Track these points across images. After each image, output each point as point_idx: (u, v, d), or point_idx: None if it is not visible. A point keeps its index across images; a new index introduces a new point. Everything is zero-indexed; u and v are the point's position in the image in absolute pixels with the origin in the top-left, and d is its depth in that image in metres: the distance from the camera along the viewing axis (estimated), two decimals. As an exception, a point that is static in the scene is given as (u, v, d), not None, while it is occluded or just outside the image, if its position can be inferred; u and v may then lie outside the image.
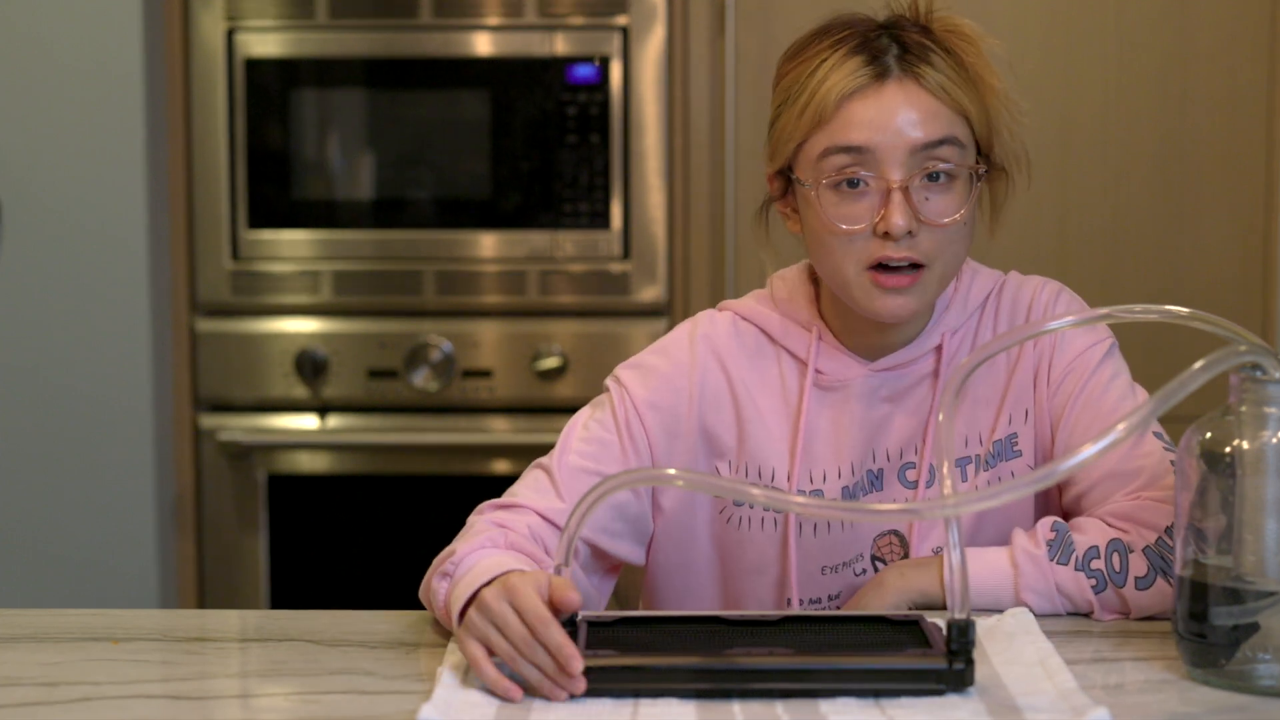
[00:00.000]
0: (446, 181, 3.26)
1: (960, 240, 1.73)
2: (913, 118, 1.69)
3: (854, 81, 1.69)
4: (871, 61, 1.70)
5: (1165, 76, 3.18)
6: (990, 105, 1.74)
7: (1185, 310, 1.47)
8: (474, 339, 3.24)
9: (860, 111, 1.69)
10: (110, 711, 1.41)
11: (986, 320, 1.81)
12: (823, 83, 1.70)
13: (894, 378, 1.78)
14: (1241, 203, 3.18)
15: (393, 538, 3.27)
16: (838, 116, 1.69)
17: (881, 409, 1.78)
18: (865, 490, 1.77)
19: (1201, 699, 1.41)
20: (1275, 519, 1.40)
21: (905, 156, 1.69)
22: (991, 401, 1.79)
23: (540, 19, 3.20)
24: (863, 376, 1.78)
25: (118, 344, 3.14)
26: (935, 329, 1.79)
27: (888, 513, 1.44)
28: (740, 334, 1.82)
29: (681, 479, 1.54)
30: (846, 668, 1.41)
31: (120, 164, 3.11)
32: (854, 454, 1.77)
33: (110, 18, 3.09)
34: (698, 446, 1.80)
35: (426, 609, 1.65)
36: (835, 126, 1.70)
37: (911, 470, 1.78)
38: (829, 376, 1.78)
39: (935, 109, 1.70)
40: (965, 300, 1.81)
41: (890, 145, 1.68)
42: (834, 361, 1.78)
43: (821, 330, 1.79)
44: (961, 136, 1.71)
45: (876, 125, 1.69)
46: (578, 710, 1.38)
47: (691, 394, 1.79)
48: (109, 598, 3.13)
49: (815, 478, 1.77)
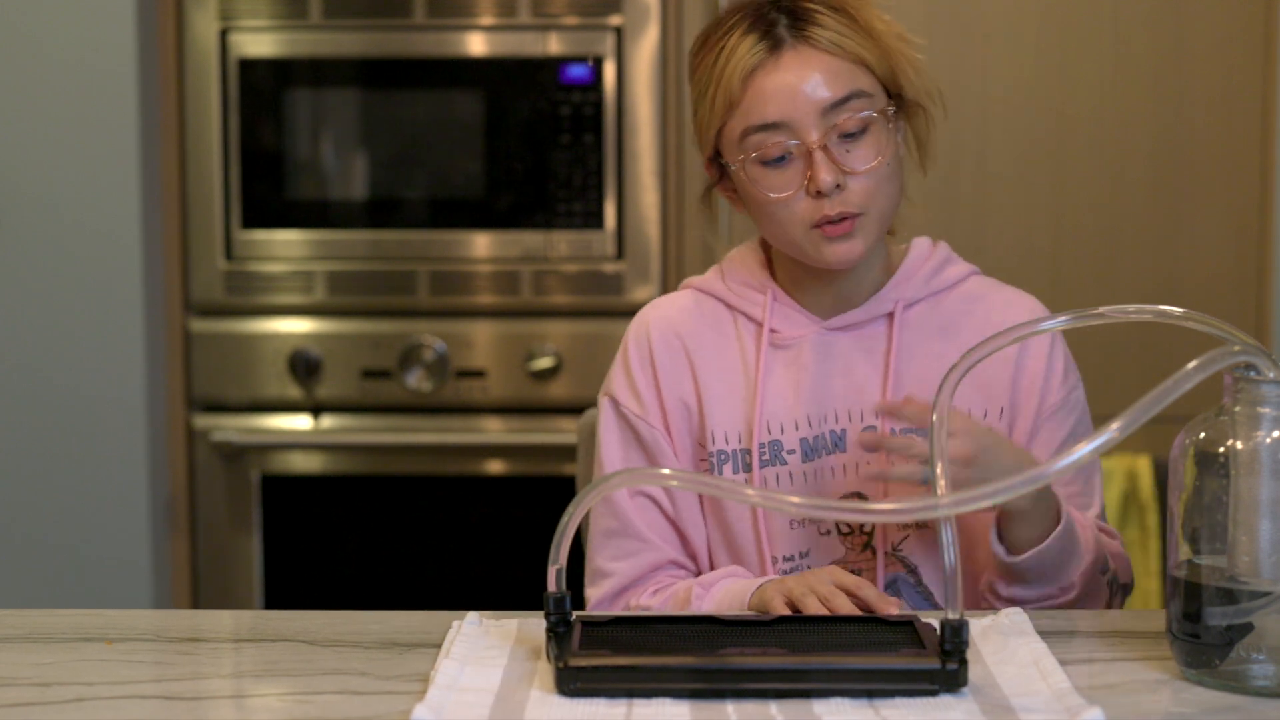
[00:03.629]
0: (440, 181, 3.26)
1: (891, 179, 1.80)
2: (815, 79, 1.77)
3: (752, 59, 1.78)
4: (765, 36, 1.79)
5: (1160, 76, 3.18)
6: (887, 48, 1.81)
7: (1179, 310, 1.48)
8: (468, 339, 3.24)
9: (765, 85, 1.77)
10: (104, 712, 1.41)
11: (953, 305, 1.87)
12: (725, 67, 1.79)
13: (848, 337, 1.85)
14: (1236, 202, 3.18)
15: (387, 538, 3.27)
16: (745, 96, 1.78)
17: (836, 365, 1.85)
18: (828, 449, 1.83)
19: (1195, 699, 1.41)
20: (1269, 519, 1.40)
21: (817, 118, 1.77)
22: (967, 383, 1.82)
23: (534, 19, 3.20)
24: (816, 332, 1.85)
25: (111, 344, 3.14)
26: (889, 294, 1.86)
27: (886, 512, 1.44)
28: (699, 306, 1.91)
29: (678, 479, 1.55)
30: (840, 668, 1.41)
31: (114, 163, 3.11)
32: (810, 408, 1.83)
33: (104, 18, 3.09)
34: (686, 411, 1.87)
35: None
36: (746, 106, 1.78)
37: (872, 432, 1.82)
38: (783, 334, 1.86)
39: (834, 66, 1.78)
40: (929, 278, 1.87)
41: (801, 112, 1.76)
42: (788, 320, 1.86)
43: (775, 291, 1.87)
44: (866, 86, 1.79)
45: (784, 95, 1.77)
46: (571, 710, 1.38)
47: (656, 383, 1.87)
48: (102, 598, 3.13)
49: (774, 429, 1.83)
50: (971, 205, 3.21)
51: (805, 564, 1.83)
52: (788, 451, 1.83)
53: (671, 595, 1.82)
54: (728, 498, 1.82)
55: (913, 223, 1.98)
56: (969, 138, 3.19)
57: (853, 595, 1.62)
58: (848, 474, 1.83)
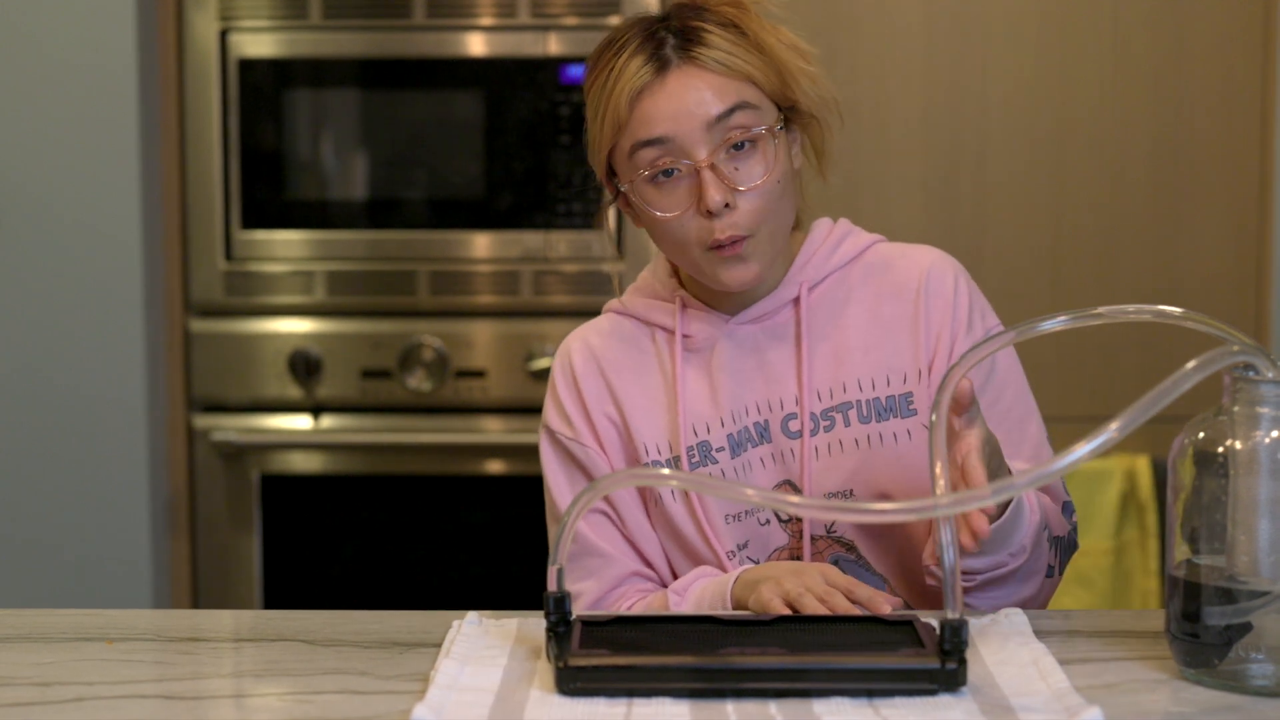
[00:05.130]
0: (440, 182, 3.26)
1: (784, 196, 1.80)
2: (700, 97, 1.77)
3: (639, 80, 1.78)
4: (652, 57, 1.79)
5: (1160, 76, 3.18)
6: (778, 61, 1.81)
7: (1178, 310, 1.48)
8: (467, 339, 3.24)
9: (650, 107, 1.78)
10: (104, 712, 1.41)
11: (859, 278, 1.88)
12: (613, 88, 1.79)
13: (758, 331, 1.87)
14: (1236, 202, 3.19)
15: (386, 538, 3.27)
16: (633, 117, 1.79)
17: (750, 359, 1.86)
18: (753, 441, 1.85)
19: (1194, 699, 1.41)
20: (1268, 519, 1.40)
21: (703, 134, 1.77)
22: (872, 350, 1.84)
23: (534, 19, 3.20)
24: (727, 332, 1.87)
25: (111, 344, 3.14)
26: (792, 281, 1.87)
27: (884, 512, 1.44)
28: (616, 328, 1.94)
29: (676, 479, 1.55)
30: (840, 667, 1.41)
31: (114, 164, 3.11)
32: (731, 404, 1.85)
33: (104, 18, 3.09)
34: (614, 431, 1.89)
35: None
36: (634, 126, 1.79)
37: (794, 420, 1.84)
38: (696, 338, 1.88)
39: (719, 84, 1.78)
40: (829, 256, 1.89)
41: (687, 129, 1.77)
42: (699, 323, 1.89)
43: (685, 298, 1.90)
44: (752, 99, 1.79)
45: (668, 114, 1.77)
46: (571, 709, 1.38)
47: (583, 404, 1.89)
48: (103, 598, 3.13)
49: (699, 431, 1.85)
50: (971, 205, 3.21)
51: (744, 555, 1.84)
52: (717, 450, 1.85)
53: (646, 608, 1.83)
54: (727, 497, 1.82)
55: (913, 221, 1.99)
56: (969, 138, 3.20)
57: (849, 594, 1.62)
58: (775, 464, 1.84)
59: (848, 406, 1.83)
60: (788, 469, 1.84)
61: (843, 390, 1.84)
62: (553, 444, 1.91)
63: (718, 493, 1.78)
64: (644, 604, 1.83)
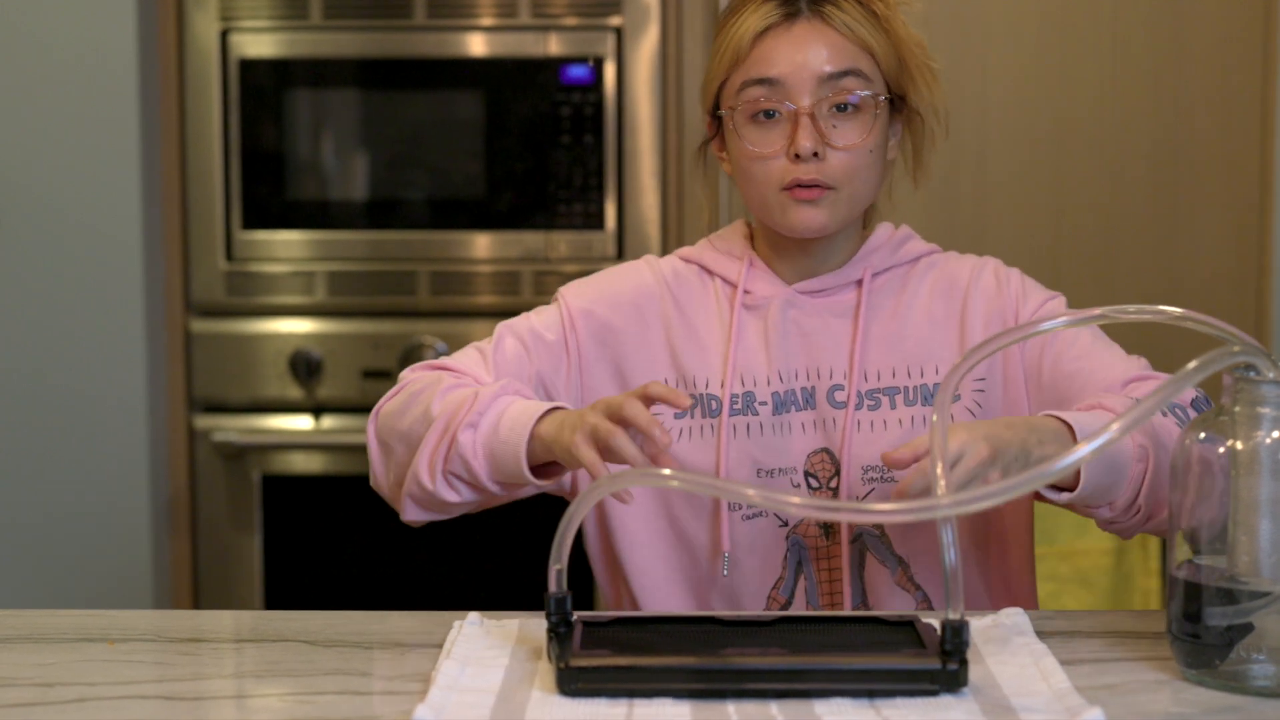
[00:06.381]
0: (441, 182, 3.26)
1: (871, 168, 1.87)
2: (820, 52, 1.84)
3: (766, 20, 1.86)
4: (785, 3, 1.87)
5: (1160, 76, 3.18)
6: (899, 47, 1.89)
7: (1179, 310, 1.48)
8: (468, 339, 3.22)
9: (771, 48, 1.85)
10: (105, 712, 1.41)
11: (918, 277, 1.94)
12: (740, 25, 1.87)
13: (817, 302, 1.92)
14: (1236, 203, 3.19)
15: (388, 538, 3.27)
16: (752, 53, 1.86)
17: (805, 325, 1.91)
18: (798, 404, 1.89)
19: (1195, 699, 1.41)
20: (1269, 519, 1.40)
21: (813, 85, 1.83)
22: (924, 343, 1.89)
23: (534, 19, 3.20)
24: (787, 294, 1.91)
25: (112, 344, 3.14)
26: (857, 264, 1.92)
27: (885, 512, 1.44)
28: (681, 271, 1.98)
29: (678, 479, 1.53)
30: (841, 668, 1.41)
31: (114, 164, 3.11)
32: (781, 364, 1.89)
33: (105, 18, 3.09)
34: (631, 354, 1.92)
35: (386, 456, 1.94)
36: (750, 63, 1.86)
37: (840, 392, 1.88)
38: (755, 295, 1.93)
39: (841, 44, 1.85)
40: (896, 249, 1.95)
41: (798, 76, 1.83)
42: (761, 282, 1.93)
43: (753, 259, 1.95)
44: (866, 70, 1.86)
45: (785, 58, 1.84)
46: (572, 710, 1.39)
47: (624, 307, 1.94)
48: (104, 598, 3.13)
49: (746, 382, 1.89)
50: (971, 205, 3.21)
51: (770, 511, 1.87)
52: (759, 403, 1.88)
53: (449, 395, 1.81)
54: (728, 497, 1.83)
55: (914, 221, 2.00)
56: (969, 138, 3.20)
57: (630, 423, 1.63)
58: (816, 431, 1.87)
59: (894, 391, 1.88)
60: (828, 437, 1.87)
61: (891, 375, 1.88)
62: (562, 310, 1.94)
63: (719, 493, 1.78)
64: (455, 397, 1.80)
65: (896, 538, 1.86)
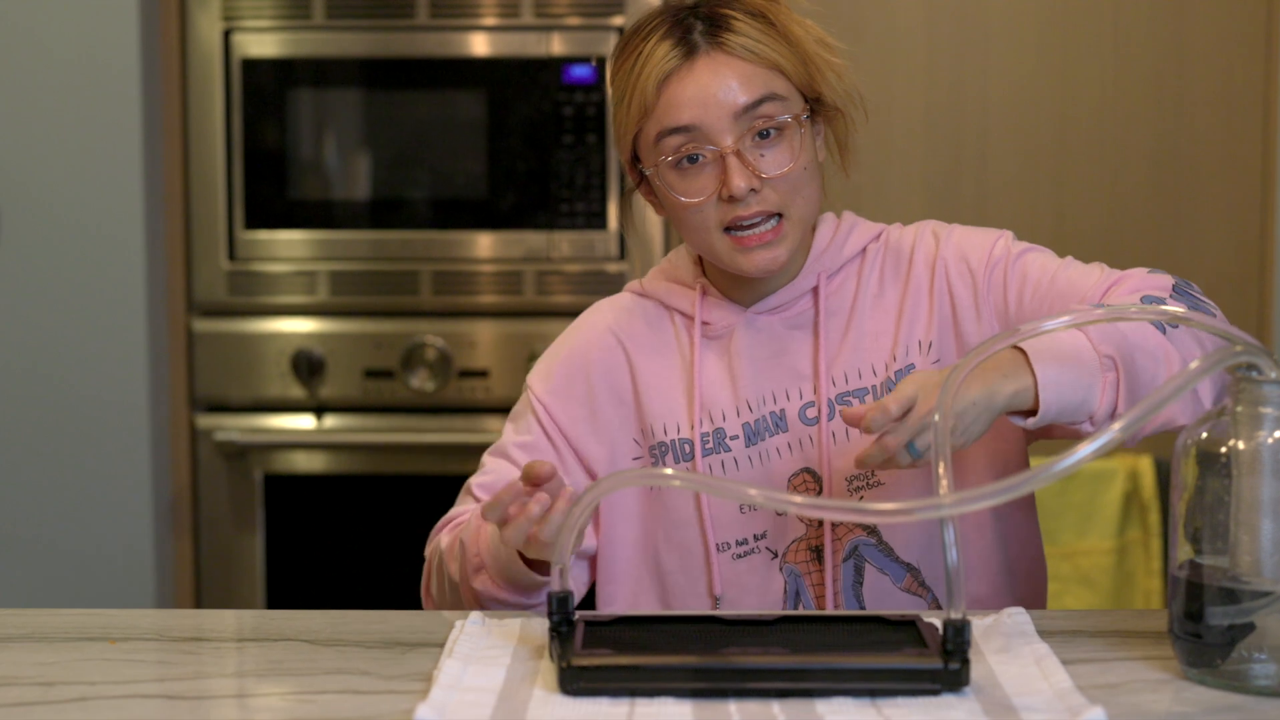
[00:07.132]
0: (443, 182, 3.27)
1: (809, 184, 1.81)
2: (729, 85, 1.77)
3: (666, 65, 1.78)
4: (680, 42, 1.79)
5: (1162, 76, 3.18)
6: (805, 53, 1.82)
7: (1180, 310, 1.48)
8: (470, 339, 3.24)
9: (678, 92, 1.78)
10: (107, 711, 1.41)
11: (868, 267, 1.90)
12: (640, 74, 1.79)
13: (776, 321, 1.88)
14: (1237, 202, 3.19)
15: (389, 537, 3.27)
16: (660, 102, 1.79)
17: (768, 347, 1.87)
18: (770, 430, 1.86)
19: (1197, 699, 1.41)
20: (1271, 519, 1.40)
21: (731, 122, 1.77)
22: (882, 335, 1.86)
23: (536, 19, 3.20)
24: (745, 320, 1.88)
25: (114, 344, 3.14)
26: (810, 271, 1.88)
27: (882, 512, 1.44)
28: (639, 307, 1.94)
29: (680, 479, 1.53)
30: (843, 668, 1.41)
31: (117, 164, 3.12)
32: (748, 393, 1.86)
33: (107, 18, 3.09)
34: (621, 407, 1.90)
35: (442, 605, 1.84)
36: (660, 112, 1.79)
37: (811, 409, 1.85)
38: (715, 326, 1.89)
39: (748, 71, 1.78)
40: (842, 247, 1.90)
41: (713, 116, 1.77)
42: (718, 311, 1.89)
43: (706, 286, 1.90)
44: (780, 90, 1.79)
45: (695, 101, 1.77)
46: (574, 709, 1.39)
47: (589, 369, 1.91)
48: (105, 597, 3.13)
49: (715, 418, 1.87)
50: (972, 205, 3.21)
51: (761, 545, 1.84)
52: (730, 438, 1.86)
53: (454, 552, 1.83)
54: (729, 498, 1.83)
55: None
56: (969, 138, 3.20)
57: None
58: (792, 453, 1.85)
59: (864, 392, 1.84)
60: (806, 456, 1.85)
61: (858, 376, 1.85)
62: (535, 405, 1.96)
63: (719, 493, 1.78)
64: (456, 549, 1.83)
65: (898, 543, 1.84)
